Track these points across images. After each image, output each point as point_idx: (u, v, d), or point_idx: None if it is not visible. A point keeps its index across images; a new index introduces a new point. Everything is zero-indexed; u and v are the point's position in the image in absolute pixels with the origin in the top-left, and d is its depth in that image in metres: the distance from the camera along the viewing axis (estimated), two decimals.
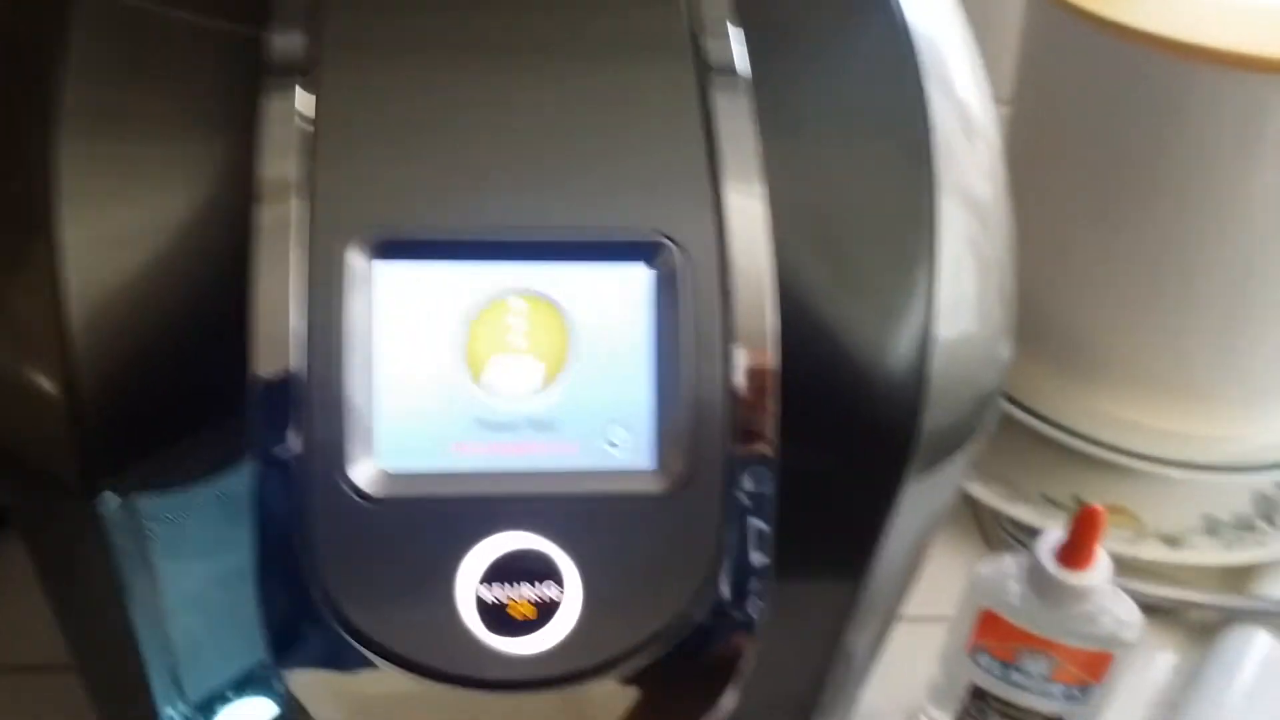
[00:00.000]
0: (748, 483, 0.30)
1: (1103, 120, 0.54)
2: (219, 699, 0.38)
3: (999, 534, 0.63)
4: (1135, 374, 0.59)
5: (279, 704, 0.38)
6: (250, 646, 0.29)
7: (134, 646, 0.36)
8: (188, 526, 0.33)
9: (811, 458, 0.31)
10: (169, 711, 0.38)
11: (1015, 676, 0.47)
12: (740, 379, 0.29)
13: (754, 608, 0.30)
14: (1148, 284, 0.56)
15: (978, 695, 0.49)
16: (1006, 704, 0.48)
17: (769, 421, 0.30)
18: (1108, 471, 0.59)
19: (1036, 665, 0.47)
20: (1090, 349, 0.60)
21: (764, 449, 0.30)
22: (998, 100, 0.62)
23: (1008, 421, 0.60)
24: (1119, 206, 0.55)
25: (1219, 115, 0.50)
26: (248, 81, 0.30)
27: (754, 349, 0.29)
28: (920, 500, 0.34)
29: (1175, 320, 0.56)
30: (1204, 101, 0.50)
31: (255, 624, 0.29)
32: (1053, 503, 0.62)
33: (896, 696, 0.53)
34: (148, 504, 0.32)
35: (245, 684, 0.38)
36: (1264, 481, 0.61)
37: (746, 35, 0.32)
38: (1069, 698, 0.47)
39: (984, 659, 0.48)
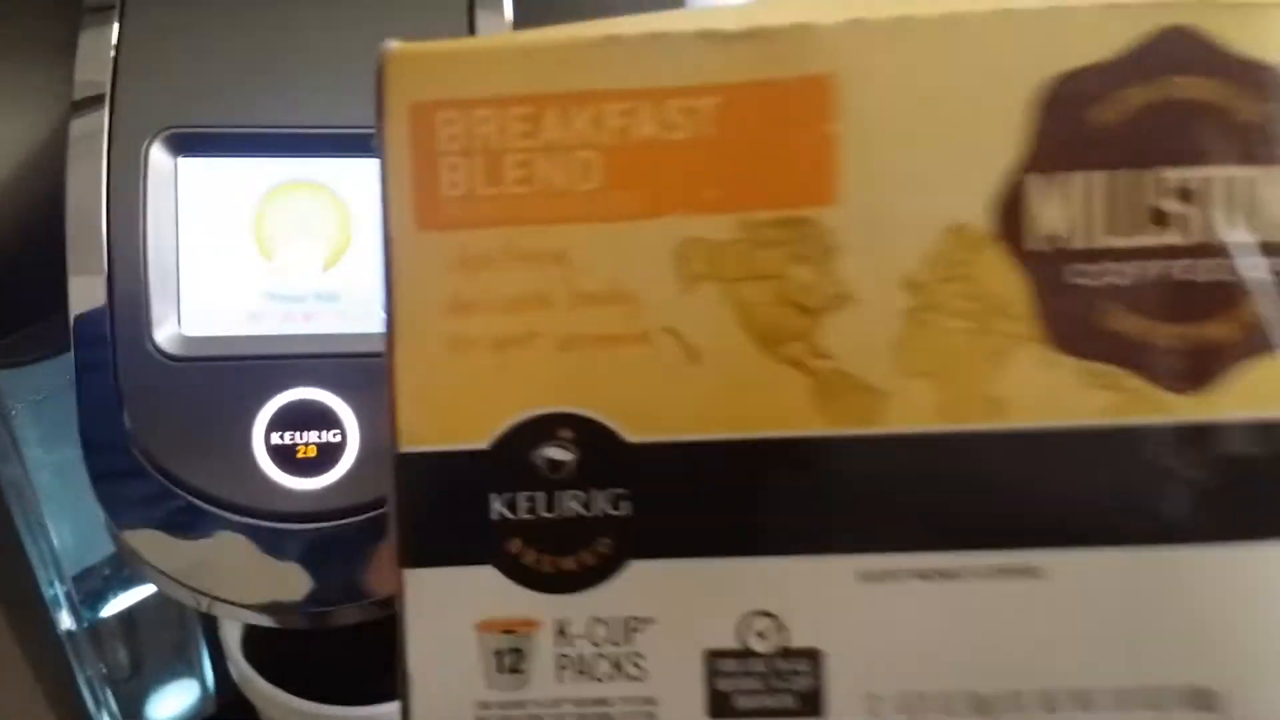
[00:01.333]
0: None
1: None
2: (98, 576, 0.43)
3: None
4: None
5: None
6: None
7: (11, 528, 0.41)
8: (45, 407, 0.38)
9: None
10: (51, 591, 0.43)
11: None
12: None
13: None
14: None
15: None
16: None
17: None
18: None
19: None
20: None
21: None
22: None
23: None
24: None
25: None
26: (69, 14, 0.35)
27: None
28: None
29: None
30: None
31: None
32: None
33: None
34: (7, 383, 0.37)
35: (120, 562, 0.43)
36: None
37: None
38: None
39: None
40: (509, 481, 0.20)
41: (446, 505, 0.20)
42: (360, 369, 0.34)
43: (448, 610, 0.20)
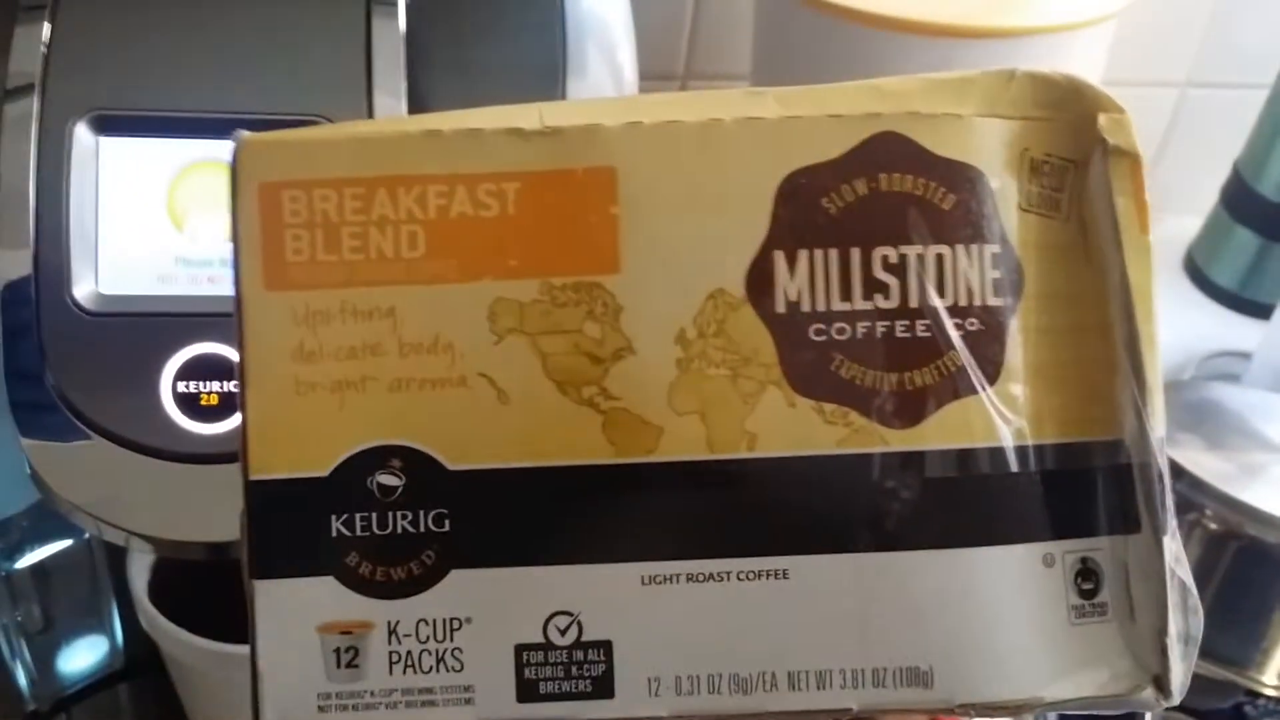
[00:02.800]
0: None
1: None
2: (15, 528, 0.47)
3: None
4: None
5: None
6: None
7: None
8: None
9: None
10: None
11: None
12: None
13: None
14: None
15: None
16: None
17: None
18: None
19: None
20: None
21: None
22: (737, 76, 0.72)
23: None
24: None
25: None
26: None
27: None
28: None
29: None
30: (913, 67, 0.60)
31: None
32: None
33: None
34: None
35: (38, 513, 0.47)
36: None
37: None
38: None
39: None
40: (346, 504, 0.24)
41: (291, 525, 0.24)
42: None
43: (293, 615, 0.24)
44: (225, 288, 0.38)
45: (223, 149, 0.39)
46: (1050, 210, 0.24)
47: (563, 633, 0.24)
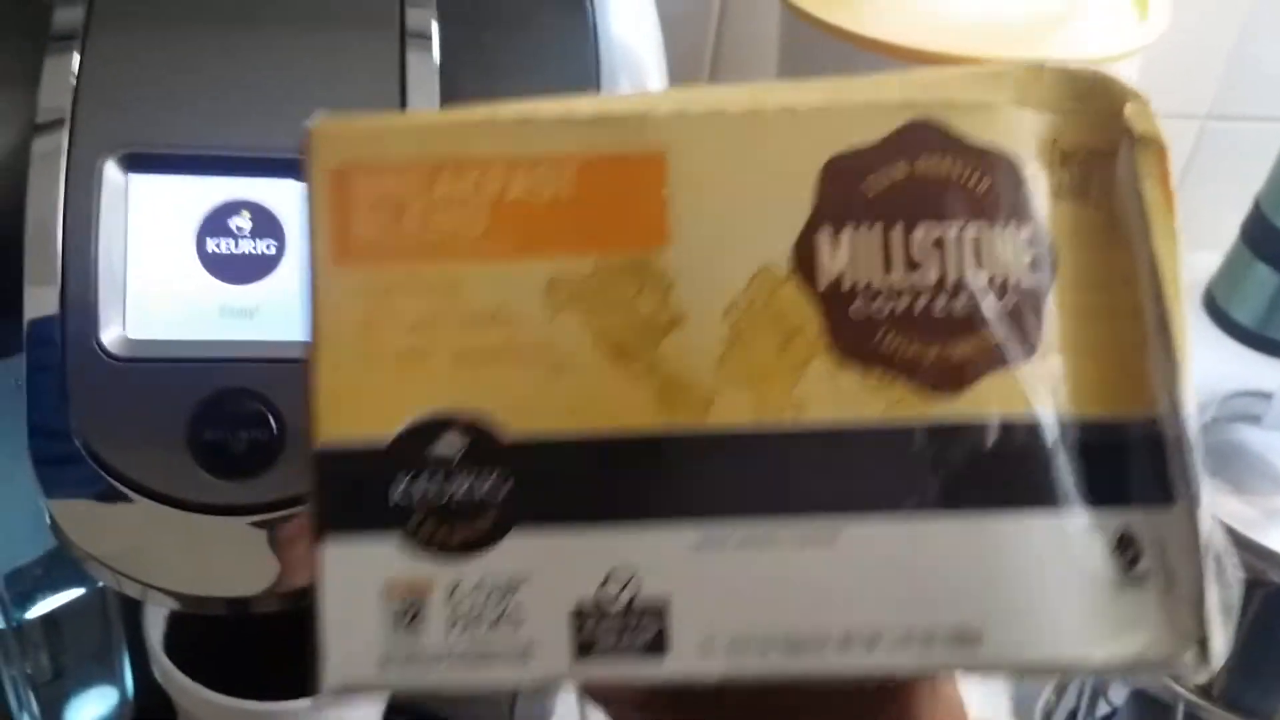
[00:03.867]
0: None
1: None
2: (28, 577, 0.45)
3: None
4: None
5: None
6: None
7: None
8: None
9: None
10: None
11: None
12: None
13: None
14: None
15: None
16: None
17: None
18: None
19: None
20: None
21: None
22: None
23: None
24: None
25: None
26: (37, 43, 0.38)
27: None
28: None
29: None
30: None
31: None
32: None
33: None
34: None
35: (51, 562, 0.45)
36: None
37: (455, 19, 0.41)
38: None
39: None
40: (409, 468, 0.24)
41: (356, 489, 0.24)
42: (287, 373, 0.37)
43: (356, 578, 0.24)
44: (254, 331, 0.37)
45: (255, 188, 0.38)
46: (1080, 197, 0.25)
47: (619, 592, 0.24)
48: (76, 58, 0.38)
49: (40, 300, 0.36)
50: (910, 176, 0.25)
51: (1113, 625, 0.24)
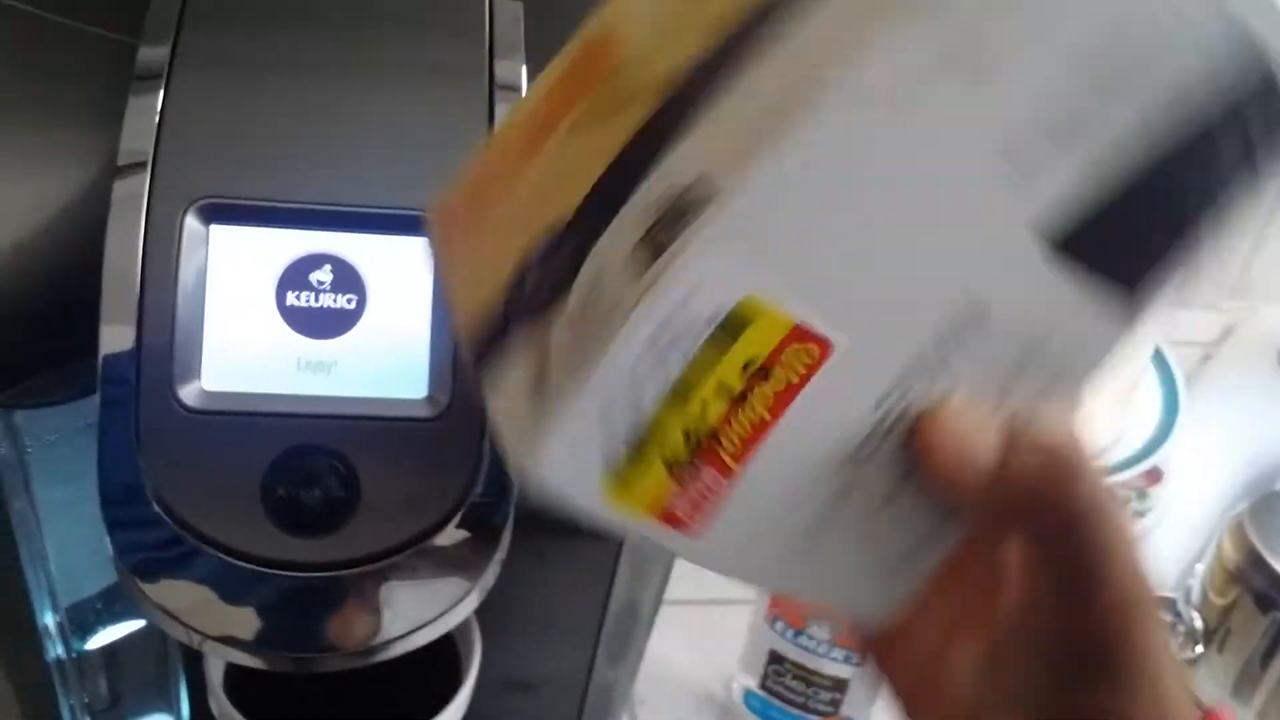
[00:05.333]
0: None
1: None
2: (89, 609, 0.45)
3: None
4: None
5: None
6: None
7: (14, 557, 0.43)
8: (58, 447, 0.40)
9: None
10: (45, 620, 0.45)
11: (804, 641, 0.54)
12: None
13: (503, 515, 0.37)
14: None
15: (775, 659, 0.55)
16: (799, 666, 0.55)
17: None
18: None
19: (821, 631, 0.53)
20: None
21: None
22: None
23: None
24: None
25: None
26: (121, 81, 0.38)
27: None
28: None
29: None
30: None
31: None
32: None
33: (714, 666, 0.60)
34: (26, 422, 0.39)
35: (113, 595, 0.45)
36: None
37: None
38: (849, 660, 0.54)
39: (779, 625, 0.55)
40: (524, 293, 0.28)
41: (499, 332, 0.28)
42: (364, 430, 0.37)
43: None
44: (334, 387, 0.37)
45: (338, 241, 0.37)
46: None
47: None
48: (160, 98, 0.37)
49: (115, 338, 0.36)
50: None
51: None
